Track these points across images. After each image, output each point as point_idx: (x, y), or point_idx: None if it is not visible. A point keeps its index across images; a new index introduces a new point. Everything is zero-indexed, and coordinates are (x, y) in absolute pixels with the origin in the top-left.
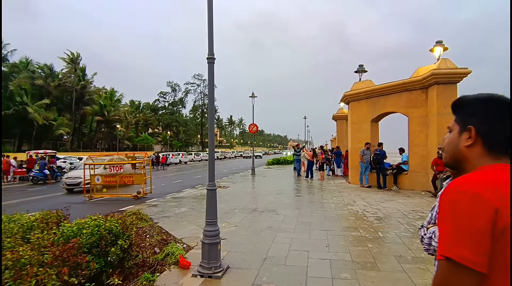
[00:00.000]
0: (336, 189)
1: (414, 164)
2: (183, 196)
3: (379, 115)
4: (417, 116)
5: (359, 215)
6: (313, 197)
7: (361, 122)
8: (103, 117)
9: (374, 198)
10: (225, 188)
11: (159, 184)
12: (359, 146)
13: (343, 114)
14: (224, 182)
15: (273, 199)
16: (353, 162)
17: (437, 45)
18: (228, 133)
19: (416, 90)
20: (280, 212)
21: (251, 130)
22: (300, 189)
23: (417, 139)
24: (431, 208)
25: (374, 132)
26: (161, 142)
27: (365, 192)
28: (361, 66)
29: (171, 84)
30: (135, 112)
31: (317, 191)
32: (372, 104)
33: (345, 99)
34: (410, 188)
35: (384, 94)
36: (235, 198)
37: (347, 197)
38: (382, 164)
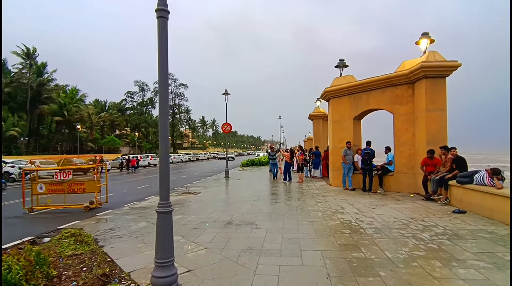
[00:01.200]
0: (319, 193)
1: (400, 164)
2: (145, 206)
3: (362, 112)
4: (403, 113)
5: (353, 227)
6: (296, 203)
7: (343, 120)
8: (63, 117)
9: (363, 203)
10: (195, 194)
11: (121, 191)
12: (341, 145)
13: (320, 113)
14: (195, 186)
15: (251, 208)
16: (335, 163)
17: (423, 37)
18: (200, 134)
19: (401, 85)
20: (261, 225)
21: (224, 130)
22: (279, 194)
23: (403, 137)
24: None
25: (356, 131)
26: (129, 144)
27: (350, 195)
28: (342, 61)
29: (139, 83)
30: (100, 112)
31: (298, 195)
32: (355, 100)
33: (325, 95)
34: (396, 190)
35: (367, 90)
36: (206, 208)
37: (333, 203)
38: (372, 165)
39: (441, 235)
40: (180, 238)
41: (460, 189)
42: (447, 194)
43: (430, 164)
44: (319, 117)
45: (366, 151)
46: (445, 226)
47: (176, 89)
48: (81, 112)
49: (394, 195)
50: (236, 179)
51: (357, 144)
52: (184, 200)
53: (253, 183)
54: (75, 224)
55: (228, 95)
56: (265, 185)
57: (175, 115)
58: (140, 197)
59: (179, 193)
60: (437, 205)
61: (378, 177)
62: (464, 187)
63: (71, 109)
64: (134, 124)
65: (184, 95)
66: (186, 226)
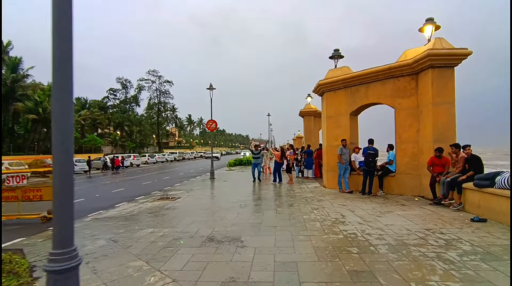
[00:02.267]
0: (313, 196)
1: (403, 164)
2: (112, 215)
3: (360, 107)
4: (406, 108)
5: (361, 243)
6: (289, 210)
7: (339, 115)
8: (39, 115)
9: (365, 209)
10: (174, 200)
11: (92, 196)
12: (336, 143)
13: (311, 109)
14: (176, 190)
15: (237, 217)
16: (329, 163)
17: (428, 23)
18: (188, 133)
19: (404, 77)
20: (248, 241)
21: (209, 127)
22: (269, 198)
23: (405, 134)
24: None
25: (353, 127)
26: (111, 143)
27: (349, 200)
28: (337, 51)
29: (121, 80)
30: (80, 110)
31: (291, 200)
32: (351, 94)
33: (318, 89)
34: (399, 192)
35: (365, 82)
36: (184, 217)
37: (331, 209)
38: (376, 166)
39: (471, 254)
40: (143, 264)
41: (477, 193)
42: (460, 198)
43: (438, 164)
44: (310, 113)
45: (370, 152)
46: (471, 240)
47: (161, 86)
48: None
49: (397, 198)
50: (222, 180)
51: (354, 142)
52: (160, 208)
53: (240, 185)
54: (17, 242)
55: (213, 89)
56: (253, 188)
57: (160, 113)
58: (111, 203)
59: (155, 199)
60: (450, 212)
61: (378, 179)
62: (483, 191)
63: (47, 107)
64: (116, 122)
65: (169, 93)
66: (155, 244)
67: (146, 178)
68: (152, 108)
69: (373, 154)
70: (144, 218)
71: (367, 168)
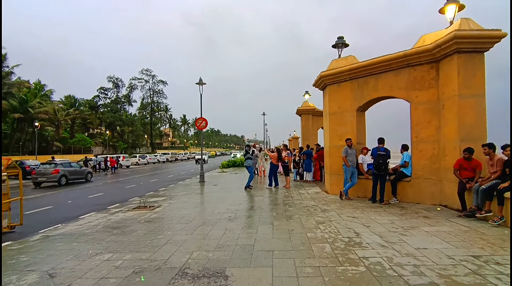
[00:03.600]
0: (316, 205)
1: (420, 167)
2: (69, 231)
3: (368, 101)
4: (424, 101)
5: (394, 282)
6: (288, 224)
7: (343, 111)
8: (25, 114)
9: (382, 223)
10: (152, 209)
11: (64, 202)
12: (341, 143)
13: (309, 107)
14: (158, 196)
15: (223, 236)
16: (333, 166)
17: (450, 2)
18: (182, 134)
19: (421, 65)
20: (235, 276)
21: (199, 126)
22: (264, 207)
23: (423, 132)
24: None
25: (360, 125)
26: (102, 144)
27: (359, 209)
28: (341, 38)
29: (112, 79)
30: (69, 109)
31: (290, 210)
32: (358, 87)
33: (320, 81)
34: (415, 200)
35: (375, 72)
36: (157, 235)
37: (340, 223)
38: (387, 170)
39: None
40: None
41: None
42: (502, 210)
43: (467, 168)
44: (308, 111)
45: (380, 153)
46: None
47: (155, 86)
48: (45, 108)
49: (415, 208)
50: (212, 184)
51: (361, 142)
52: (131, 221)
53: (231, 190)
54: None
55: (203, 85)
56: (246, 194)
57: (153, 113)
58: (79, 213)
59: (130, 208)
60: (490, 228)
61: (391, 184)
62: None
63: (34, 106)
64: (108, 122)
65: (163, 93)
66: (104, 282)
67: (132, 180)
68: (145, 107)
69: (384, 156)
70: (106, 236)
71: (377, 171)
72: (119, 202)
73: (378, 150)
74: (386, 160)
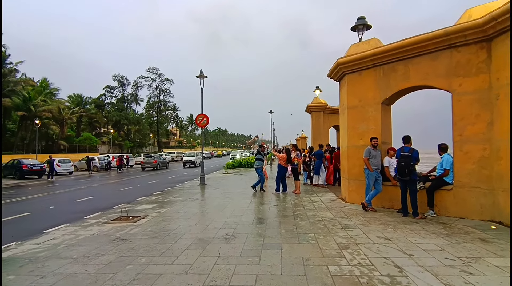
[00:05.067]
0: (334, 218)
1: (465, 173)
2: (17, 255)
3: (397, 92)
4: (470, 91)
5: None
6: (301, 249)
7: (365, 105)
8: (28, 112)
9: (428, 249)
10: (135, 220)
11: (46, 207)
12: (361, 143)
13: (320, 104)
14: (150, 202)
15: (213, 268)
16: (352, 169)
17: None
18: (189, 133)
19: (468, 46)
20: None
21: (199, 123)
22: (270, 220)
23: (470, 130)
24: None
25: (385, 121)
26: (107, 143)
27: (389, 225)
28: (362, 19)
29: (117, 78)
30: (74, 108)
31: (302, 225)
32: (384, 75)
33: (337, 70)
34: (457, 214)
35: (405, 57)
36: (126, 264)
37: (372, 249)
38: (414, 174)
39: None
40: None
41: None
42: None
43: None
44: (319, 108)
45: (403, 153)
46: None
47: (161, 84)
48: (50, 107)
49: (460, 225)
50: (213, 188)
51: (387, 141)
52: (101, 240)
53: (233, 196)
54: None
55: (204, 78)
56: (249, 201)
57: (160, 112)
58: (51, 224)
59: (109, 219)
60: None
61: (427, 192)
62: None
63: (38, 104)
64: (114, 121)
65: (170, 91)
66: None
67: (130, 182)
68: (152, 106)
69: (407, 157)
70: (58, 265)
71: (400, 176)
72: (103, 209)
73: (402, 151)
74: (410, 162)
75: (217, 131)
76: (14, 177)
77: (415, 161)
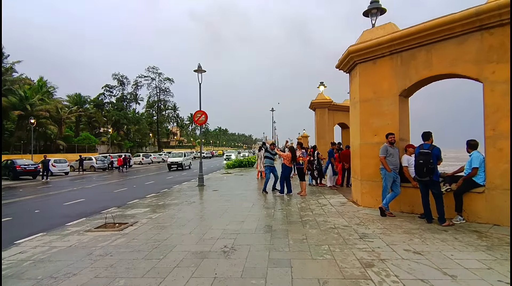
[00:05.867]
0: (349, 225)
1: (499, 174)
2: None
3: (417, 83)
4: (505, 79)
5: None
6: (316, 268)
7: (380, 97)
8: (25, 111)
9: (471, 268)
10: (121, 228)
11: (31, 211)
12: (376, 140)
13: (325, 100)
14: (142, 205)
15: None
16: (365, 169)
17: None
18: (189, 133)
19: (503, 27)
20: None
21: (197, 121)
22: (275, 228)
23: (505, 124)
24: None
25: (403, 115)
26: (107, 142)
27: (415, 234)
28: (376, 2)
29: (117, 77)
30: (72, 107)
31: (312, 233)
32: (403, 64)
33: (348, 59)
34: (490, 220)
35: (427, 42)
36: (109, 283)
37: (401, 267)
38: (435, 175)
39: None
40: None
41: None
42: None
43: None
44: (324, 105)
45: (422, 150)
46: None
47: (161, 83)
48: (47, 106)
49: (497, 233)
50: (212, 190)
51: (405, 138)
52: (79, 253)
53: (234, 198)
54: None
55: (202, 72)
56: (251, 204)
57: (160, 112)
58: (26, 232)
59: (93, 227)
60: None
61: (454, 196)
62: None
63: (35, 103)
64: (113, 120)
65: (170, 91)
66: None
67: (127, 183)
68: (152, 106)
69: (426, 154)
70: None
71: (418, 176)
72: (91, 213)
73: (420, 148)
74: (429, 160)
75: (218, 130)
76: (8, 178)
77: (436, 160)
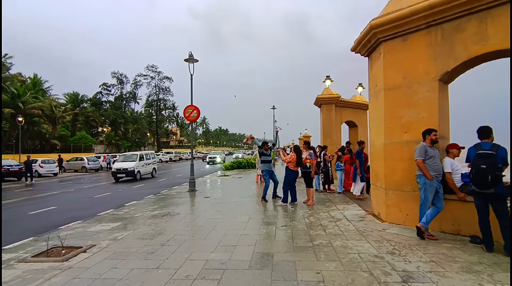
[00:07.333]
0: (378, 254)
1: None
2: None
3: (465, 62)
4: None
5: None
6: None
7: (413, 83)
8: (17, 110)
9: None
10: (66, 259)
11: None
12: (406, 138)
13: (332, 95)
14: (112, 220)
15: None
16: (391, 175)
17: None
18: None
19: None
20: None
21: (188, 117)
22: (277, 260)
23: None
24: None
25: (443, 106)
26: (104, 142)
27: (482, 274)
28: None
29: (116, 75)
30: (67, 105)
31: (331, 272)
32: (444, 39)
33: (369, 37)
34: None
35: (479, 8)
36: None
37: None
38: (500, 186)
39: None
40: None
41: None
42: None
43: None
44: (331, 101)
45: (483, 152)
46: None
47: (160, 82)
48: (40, 104)
49: None
50: (204, 196)
51: (445, 136)
52: None
53: (227, 209)
54: None
55: (195, 62)
56: (248, 217)
57: (160, 111)
58: None
59: (33, 253)
60: None
61: None
62: None
63: (28, 101)
64: (111, 119)
65: (169, 90)
66: None
67: (113, 186)
68: (151, 105)
69: (491, 157)
70: None
71: (478, 187)
72: (47, 229)
73: (477, 149)
74: (496, 165)
75: (218, 130)
76: None
77: (503, 165)
